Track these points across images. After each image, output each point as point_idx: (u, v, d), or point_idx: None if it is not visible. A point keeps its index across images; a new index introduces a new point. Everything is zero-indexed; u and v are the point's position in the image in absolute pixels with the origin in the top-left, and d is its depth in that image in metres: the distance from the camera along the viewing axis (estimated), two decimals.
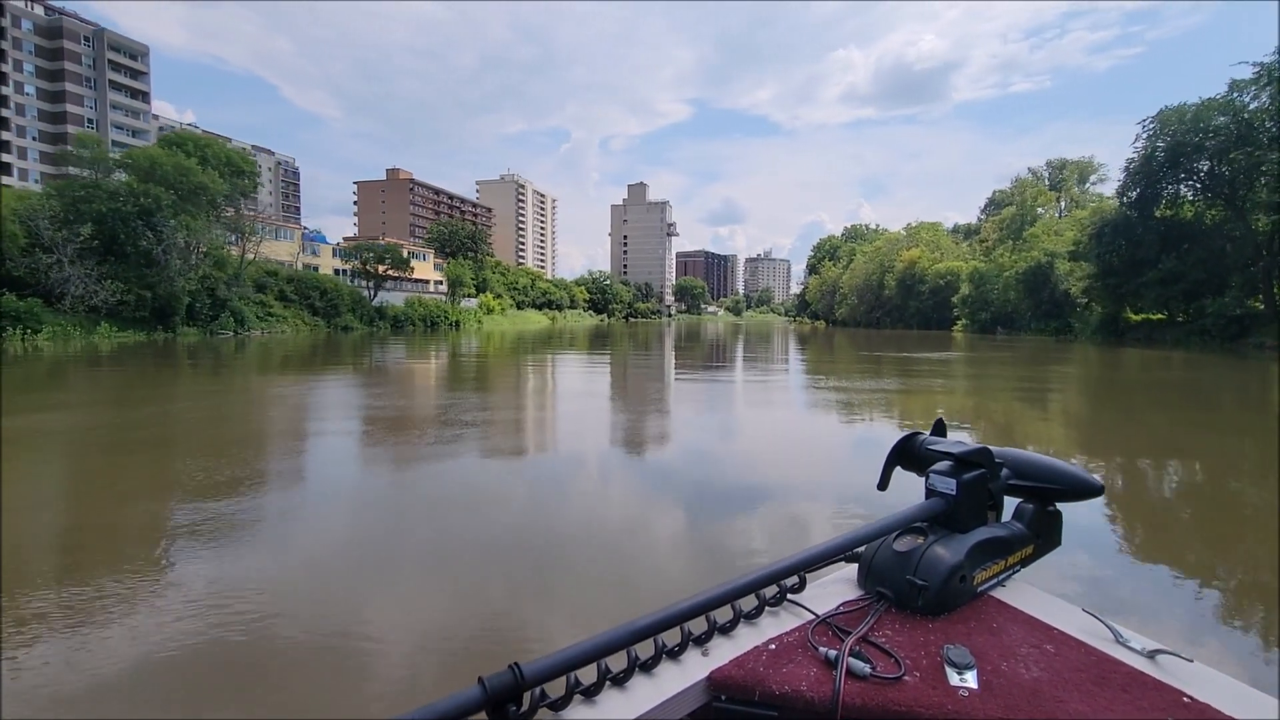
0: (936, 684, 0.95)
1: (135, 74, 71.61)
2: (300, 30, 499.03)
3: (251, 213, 51.19)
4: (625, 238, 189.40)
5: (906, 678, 0.96)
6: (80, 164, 36.70)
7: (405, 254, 79.79)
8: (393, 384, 16.62)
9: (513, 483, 6.74)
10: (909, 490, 1.44)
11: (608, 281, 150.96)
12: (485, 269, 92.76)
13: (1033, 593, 1.26)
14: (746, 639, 1.09)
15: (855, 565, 1.28)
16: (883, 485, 1.42)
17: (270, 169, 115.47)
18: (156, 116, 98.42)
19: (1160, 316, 40.17)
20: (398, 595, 3.93)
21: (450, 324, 67.63)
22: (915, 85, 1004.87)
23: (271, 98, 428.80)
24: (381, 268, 58.28)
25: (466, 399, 13.20)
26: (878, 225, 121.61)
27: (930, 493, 1.30)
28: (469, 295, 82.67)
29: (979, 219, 79.19)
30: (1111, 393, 16.03)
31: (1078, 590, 3.97)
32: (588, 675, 0.94)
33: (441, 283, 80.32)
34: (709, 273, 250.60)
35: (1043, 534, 1.33)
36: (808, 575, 1.22)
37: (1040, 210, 59.04)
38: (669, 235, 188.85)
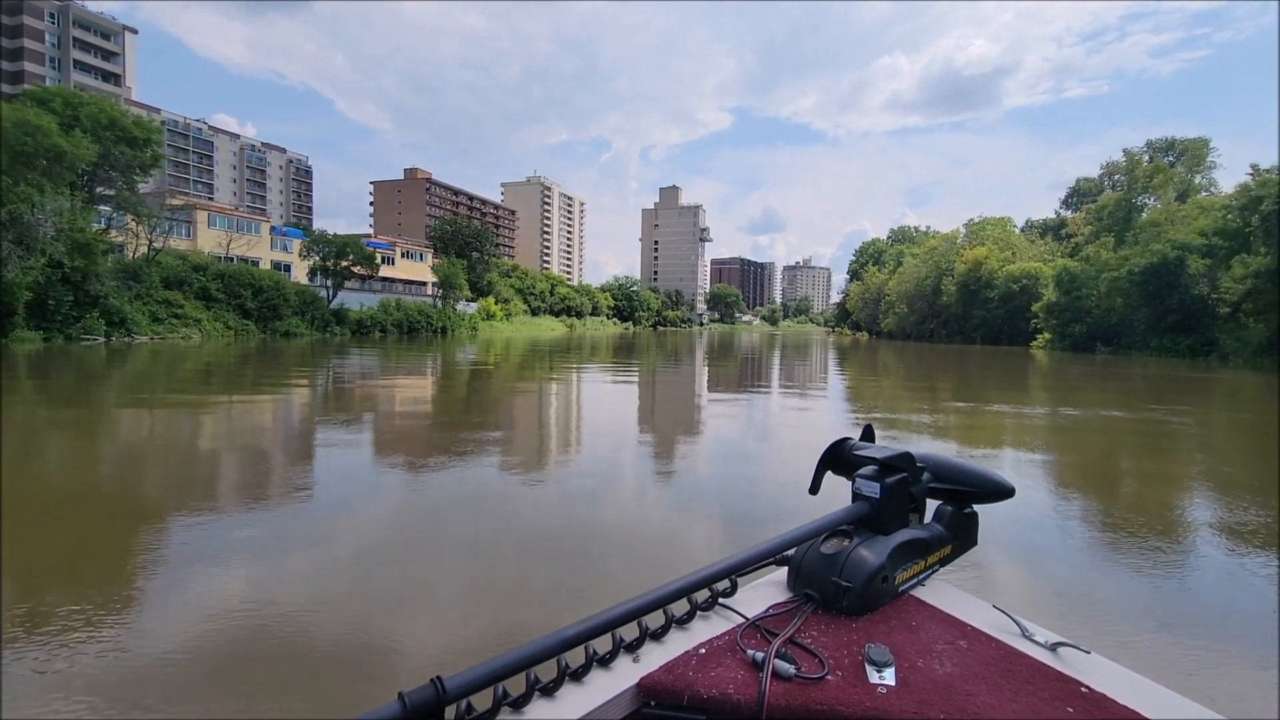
0: (857, 682, 0.96)
1: (107, 55, 64.86)
2: (355, 45, 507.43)
3: (164, 192, 42.45)
4: (656, 243, 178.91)
5: (829, 677, 0.96)
6: None
7: (399, 251, 71.37)
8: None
9: None
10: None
11: (634, 288, 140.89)
12: (490, 270, 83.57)
13: (950, 591, 1.27)
14: (677, 644, 1.07)
15: (786, 568, 1.28)
16: (814, 490, 1.45)
17: (281, 166, 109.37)
18: (160, 112, 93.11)
19: None
20: None
21: (434, 330, 58.19)
22: (964, 91, 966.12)
23: (327, 111, 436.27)
24: (344, 264, 48.90)
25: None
26: (928, 228, 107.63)
27: (856, 496, 1.31)
28: (467, 299, 73.45)
29: (1058, 214, 65.65)
30: None
31: None
32: (517, 685, 0.91)
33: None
34: (745, 280, 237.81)
35: (960, 535, 1.34)
36: (739, 579, 1.21)
37: (1150, 199, 45.63)
38: (702, 240, 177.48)
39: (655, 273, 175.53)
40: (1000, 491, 1.33)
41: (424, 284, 72.44)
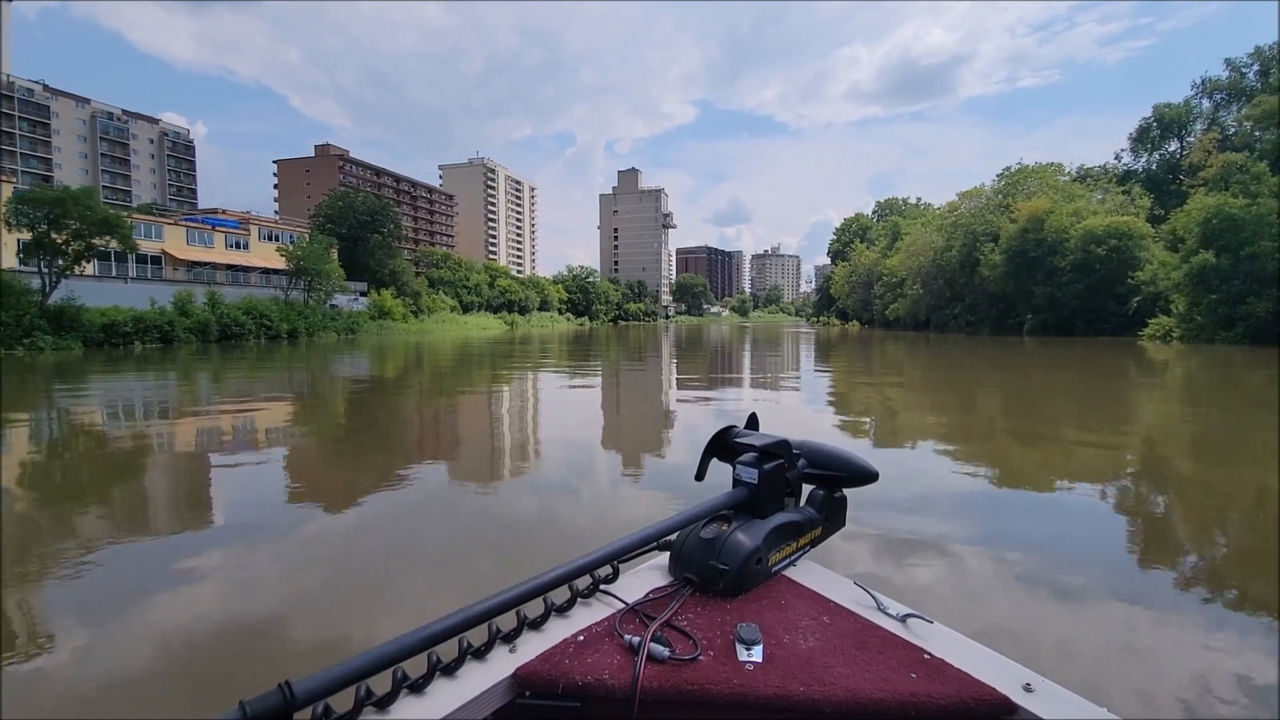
0: (727, 661, 0.96)
1: None
2: (309, 40, 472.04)
3: None
4: (616, 231, 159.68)
5: (701, 657, 0.96)
6: None
7: (256, 231, 50.59)
8: None
9: None
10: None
11: (591, 279, 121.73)
12: (395, 257, 63.83)
13: (817, 570, 1.29)
14: (556, 632, 1.04)
15: (668, 554, 1.28)
16: (699, 476, 1.43)
17: (152, 140, 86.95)
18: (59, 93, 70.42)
19: None
20: None
21: (273, 336, 38.61)
22: (922, 81, 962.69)
23: (281, 108, 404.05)
24: (65, 236, 28.96)
25: None
26: (919, 199, 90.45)
27: (736, 482, 1.31)
28: (353, 293, 53.86)
29: (1118, 156, 48.58)
30: None
31: None
32: (383, 684, 0.84)
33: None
34: (713, 270, 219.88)
35: (830, 517, 1.37)
36: (622, 565, 1.19)
37: None
38: (665, 227, 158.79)
39: (615, 262, 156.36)
40: (866, 476, 1.35)
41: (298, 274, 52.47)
